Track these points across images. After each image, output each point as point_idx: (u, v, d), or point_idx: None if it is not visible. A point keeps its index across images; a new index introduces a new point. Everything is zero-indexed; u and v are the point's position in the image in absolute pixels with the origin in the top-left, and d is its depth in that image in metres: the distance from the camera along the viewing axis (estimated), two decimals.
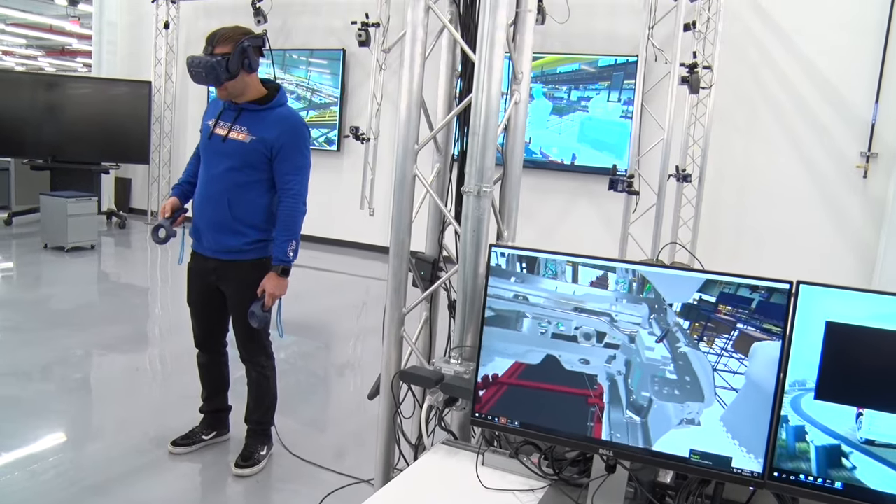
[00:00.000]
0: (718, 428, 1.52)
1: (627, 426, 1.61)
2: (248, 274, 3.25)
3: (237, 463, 3.48)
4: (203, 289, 3.41)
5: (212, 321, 3.50)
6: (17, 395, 4.16)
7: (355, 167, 9.81)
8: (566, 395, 1.67)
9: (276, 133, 3.16)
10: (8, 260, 8.11)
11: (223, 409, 3.76)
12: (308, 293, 7.33)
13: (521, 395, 1.72)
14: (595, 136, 8.36)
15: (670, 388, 1.57)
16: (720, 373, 1.52)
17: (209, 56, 3.04)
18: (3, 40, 20.48)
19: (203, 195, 3.27)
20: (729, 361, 1.52)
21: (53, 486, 3.21)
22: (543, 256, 1.70)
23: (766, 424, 1.48)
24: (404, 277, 2.37)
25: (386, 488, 1.73)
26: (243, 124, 3.18)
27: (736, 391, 1.51)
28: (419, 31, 2.24)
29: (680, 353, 1.56)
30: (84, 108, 10.10)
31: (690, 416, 1.55)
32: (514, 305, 1.73)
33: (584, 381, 1.66)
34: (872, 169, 7.06)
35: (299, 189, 3.23)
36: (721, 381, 1.52)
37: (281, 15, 10.06)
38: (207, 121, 3.30)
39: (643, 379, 1.59)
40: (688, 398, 1.55)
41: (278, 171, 3.20)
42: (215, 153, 3.22)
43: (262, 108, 3.20)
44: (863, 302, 1.42)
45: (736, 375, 1.51)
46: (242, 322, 3.32)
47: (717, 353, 1.52)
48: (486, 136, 2.08)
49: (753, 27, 7.52)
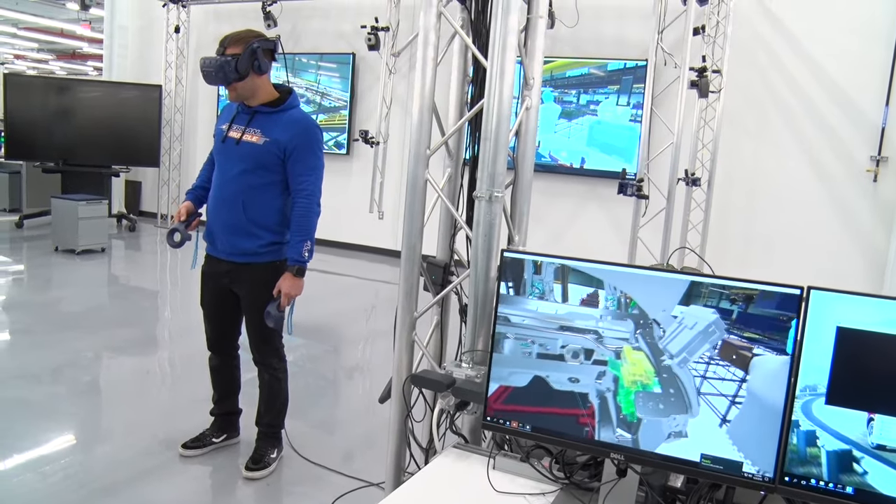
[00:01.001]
0: (721, 436, 1.53)
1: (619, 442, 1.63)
2: (261, 276, 3.27)
3: (247, 466, 3.49)
4: (216, 291, 3.43)
5: (224, 324, 3.52)
6: (28, 398, 4.18)
7: (364, 171, 9.82)
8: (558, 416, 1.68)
9: (289, 135, 3.19)
10: (19, 262, 8.16)
11: (234, 411, 3.77)
12: (317, 296, 7.34)
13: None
14: (604, 140, 8.35)
15: (655, 403, 1.59)
16: (710, 380, 1.53)
17: (221, 56, 3.10)
18: (15, 44, 20.60)
19: (217, 198, 3.29)
20: (718, 370, 1.53)
21: (63, 488, 3.23)
22: (550, 261, 1.70)
23: (775, 431, 1.48)
24: (416, 281, 2.38)
25: (397, 492, 1.74)
26: (256, 127, 3.21)
27: (732, 398, 1.52)
28: (431, 36, 2.25)
29: (664, 366, 1.57)
30: (95, 112, 10.16)
31: (678, 429, 1.56)
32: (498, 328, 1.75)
33: (576, 401, 1.67)
34: (882, 173, 7.03)
35: (313, 190, 3.26)
36: (713, 388, 1.53)
37: (291, 19, 10.10)
38: (221, 125, 3.33)
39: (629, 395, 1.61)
40: (673, 411, 1.57)
41: (292, 173, 3.22)
42: (229, 156, 3.25)
43: (274, 110, 3.23)
44: (874, 307, 1.42)
45: (731, 383, 1.51)
46: (256, 325, 3.34)
47: (709, 363, 1.53)
48: (497, 141, 2.08)
49: (763, 31, 7.51)
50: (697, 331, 1.55)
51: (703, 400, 1.55)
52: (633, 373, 1.61)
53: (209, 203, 3.35)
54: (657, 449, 1.59)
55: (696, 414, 1.55)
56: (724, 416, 1.53)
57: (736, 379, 1.52)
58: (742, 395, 1.52)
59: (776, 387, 1.49)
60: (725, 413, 1.53)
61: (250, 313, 3.36)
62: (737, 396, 1.52)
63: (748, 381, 1.51)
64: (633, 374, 1.61)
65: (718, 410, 1.53)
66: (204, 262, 3.46)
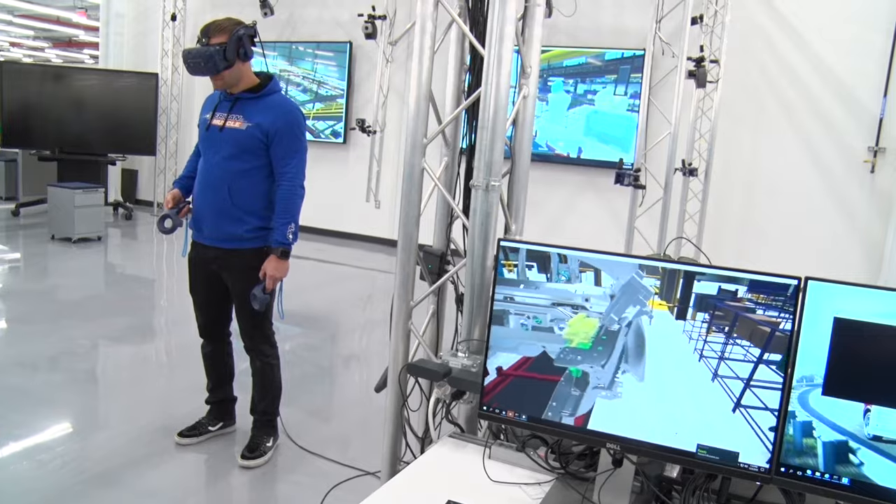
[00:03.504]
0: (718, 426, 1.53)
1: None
2: (249, 262, 3.29)
3: (243, 454, 3.50)
4: (205, 278, 3.45)
5: (214, 310, 3.54)
6: (25, 386, 4.18)
7: (361, 159, 9.81)
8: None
9: (271, 118, 3.22)
10: (15, 251, 8.14)
11: (229, 399, 3.77)
12: (314, 285, 7.35)
13: (525, 387, 1.73)
14: (601, 129, 8.34)
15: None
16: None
17: (206, 46, 3.11)
18: (11, 31, 20.48)
19: (203, 184, 3.31)
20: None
21: (61, 476, 3.23)
22: (552, 251, 1.69)
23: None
24: (412, 271, 2.37)
25: (393, 481, 1.74)
26: (238, 113, 3.25)
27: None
28: (428, 24, 2.24)
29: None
30: (91, 100, 10.12)
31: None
32: (504, 305, 1.75)
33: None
34: (880, 163, 7.03)
35: (296, 172, 3.28)
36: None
37: (287, 7, 10.06)
38: (204, 115, 3.36)
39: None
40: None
41: (275, 156, 3.26)
42: (213, 143, 3.28)
43: (256, 95, 3.27)
44: (871, 298, 1.42)
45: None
46: (245, 311, 3.36)
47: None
48: (494, 130, 2.07)
49: (761, 21, 7.49)
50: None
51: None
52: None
53: (196, 190, 3.37)
54: (653, 439, 1.59)
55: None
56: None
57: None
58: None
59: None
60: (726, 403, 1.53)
61: (239, 300, 3.38)
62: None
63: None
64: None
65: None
66: (191, 249, 3.47)
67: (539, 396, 1.71)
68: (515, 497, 1.68)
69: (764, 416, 1.49)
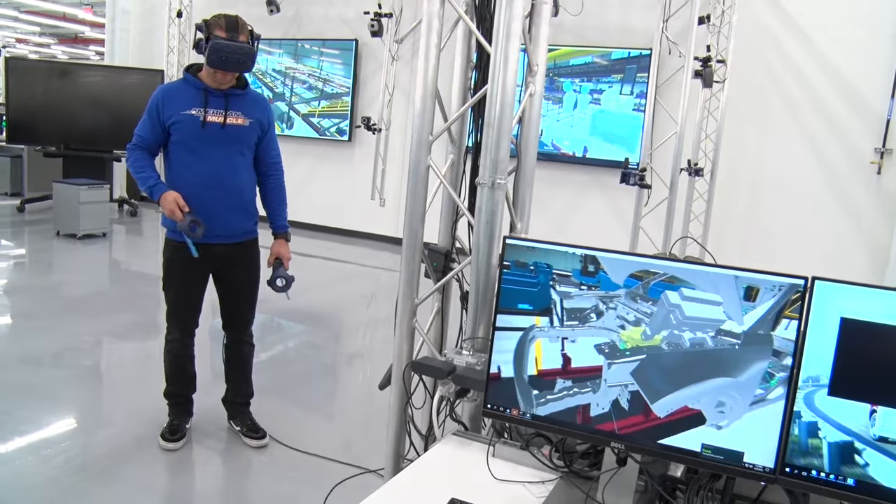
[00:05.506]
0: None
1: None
2: (255, 253, 3.47)
3: (251, 437, 3.62)
4: (202, 276, 3.46)
5: (200, 306, 3.55)
6: (29, 382, 4.19)
7: (366, 157, 9.81)
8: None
9: (262, 112, 3.38)
10: (20, 247, 8.16)
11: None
12: (318, 283, 7.35)
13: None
14: (607, 129, 8.33)
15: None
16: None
17: (241, 43, 3.11)
18: (17, 28, 20.55)
19: (208, 183, 3.25)
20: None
21: (64, 471, 3.24)
22: (556, 249, 1.69)
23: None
24: (417, 268, 2.37)
25: (396, 479, 1.74)
26: (237, 109, 3.29)
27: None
28: (434, 21, 2.23)
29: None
30: (97, 96, 10.12)
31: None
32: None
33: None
34: (886, 165, 7.01)
35: (281, 160, 3.55)
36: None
37: (294, 4, 10.06)
38: (187, 111, 3.21)
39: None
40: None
41: (267, 147, 3.43)
42: (214, 141, 3.25)
43: (242, 91, 3.33)
44: (878, 299, 1.41)
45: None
46: (251, 301, 3.53)
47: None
48: (500, 127, 2.07)
49: (768, 21, 7.47)
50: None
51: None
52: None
53: (200, 192, 3.23)
54: (658, 438, 1.58)
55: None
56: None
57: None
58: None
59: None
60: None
61: (246, 292, 3.49)
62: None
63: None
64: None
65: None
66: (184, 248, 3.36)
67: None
68: (519, 495, 1.68)
69: (769, 415, 1.49)
